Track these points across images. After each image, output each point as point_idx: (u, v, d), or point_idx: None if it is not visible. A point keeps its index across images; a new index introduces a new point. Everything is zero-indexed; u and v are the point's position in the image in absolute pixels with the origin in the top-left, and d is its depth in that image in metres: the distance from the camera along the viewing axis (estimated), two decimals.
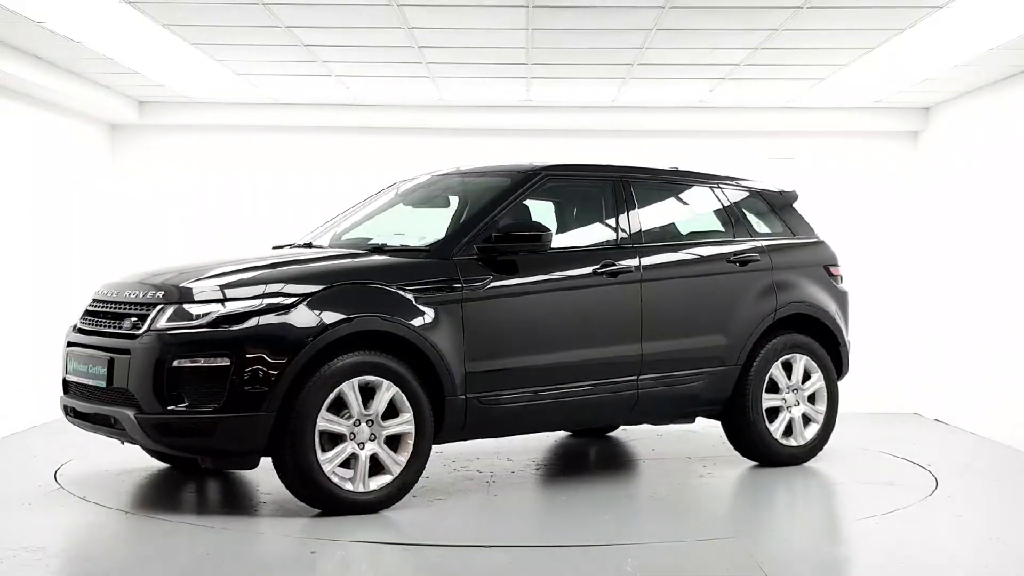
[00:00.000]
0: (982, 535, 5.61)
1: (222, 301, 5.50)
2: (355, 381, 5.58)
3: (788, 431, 7.14)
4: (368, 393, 5.66)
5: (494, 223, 6.21)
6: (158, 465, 6.92)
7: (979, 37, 7.37)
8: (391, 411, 5.72)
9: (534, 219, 6.62)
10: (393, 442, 5.75)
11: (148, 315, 5.57)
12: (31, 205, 9.12)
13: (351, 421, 5.60)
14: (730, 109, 10.42)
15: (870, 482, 6.80)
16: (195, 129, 10.71)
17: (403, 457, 5.75)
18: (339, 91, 9.76)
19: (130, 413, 5.45)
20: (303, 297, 5.53)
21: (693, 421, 7.27)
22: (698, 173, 7.39)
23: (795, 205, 7.73)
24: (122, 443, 5.94)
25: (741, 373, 6.96)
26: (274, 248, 6.91)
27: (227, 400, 5.35)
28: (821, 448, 7.26)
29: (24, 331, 8.88)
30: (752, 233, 7.28)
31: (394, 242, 6.41)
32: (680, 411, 7.00)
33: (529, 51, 8.12)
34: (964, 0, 6.66)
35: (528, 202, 6.66)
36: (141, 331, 5.54)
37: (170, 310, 5.52)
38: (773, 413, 7.10)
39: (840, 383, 7.50)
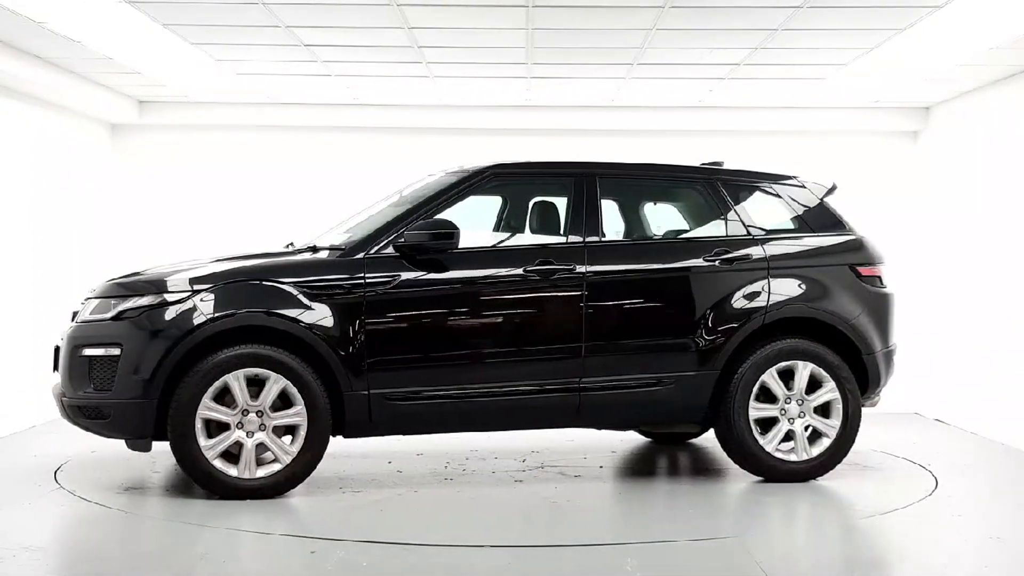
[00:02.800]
0: (982, 535, 5.60)
1: (128, 297, 6.01)
2: (240, 373, 5.89)
3: (792, 445, 6.57)
4: (261, 384, 5.94)
5: (414, 222, 6.26)
6: (158, 465, 6.92)
7: (979, 37, 7.37)
8: (287, 403, 5.97)
9: (559, 217, 6.62)
10: (291, 433, 6.01)
11: (82, 308, 6.22)
12: (32, 205, 9.12)
13: (237, 411, 5.90)
14: (730, 109, 10.42)
15: (870, 482, 6.79)
16: (195, 129, 10.71)
17: (295, 448, 5.97)
18: (339, 91, 9.77)
19: (61, 396, 6.11)
20: (193, 293, 5.94)
21: (698, 430, 6.95)
22: (693, 167, 7.02)
23: (827, 200, 7.14)
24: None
25: (721, 379, 6.50)
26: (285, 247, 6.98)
27: (117, 387, 5.88)
28: (832, 466, 6.63)
29: (24, 330, 8.87)
30: (752, 230, 6.76)
31: (324, 242, 6.56)
32: (646, 418, 6.74)
33: (529, 51, 8.12)
34: (964, 0, 6.67)
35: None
36: (73, 322, 6.21)
37: (94, 304, 6.12)
38: (770, 424, 6.56)
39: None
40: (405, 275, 6.14)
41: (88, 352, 5.96)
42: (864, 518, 5.88)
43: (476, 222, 6.97)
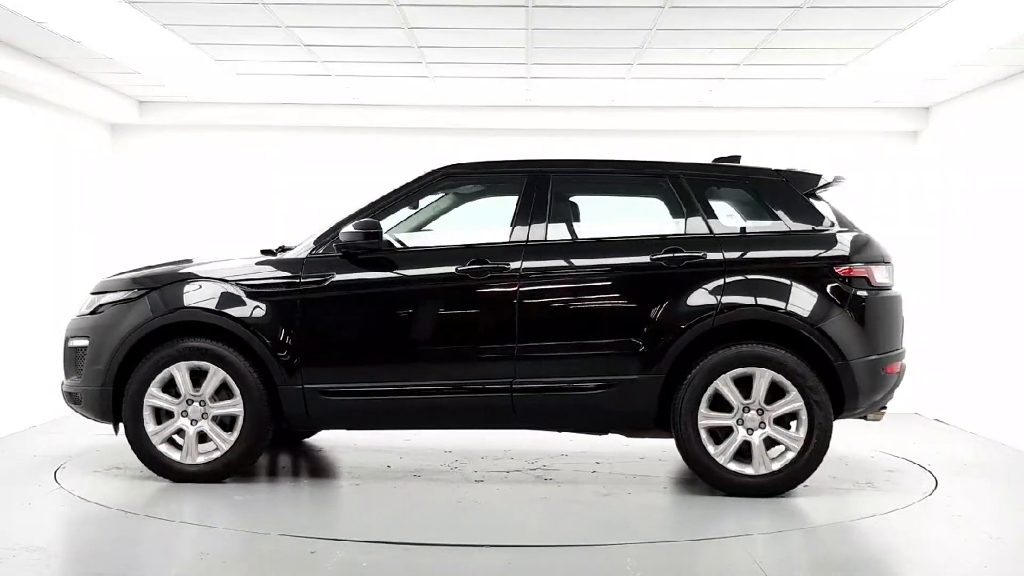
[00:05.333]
0: (982, 535, 5.60)
1: (104, 293, 6.58)
2: (183, 364, 6.34)
3: (753, 457, 6.17)
4: (204, 376, 6.36)
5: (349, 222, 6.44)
6: None
7: (979, 37, 7.37)
8: (229, 394, 6.36)
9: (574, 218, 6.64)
10: (235, 424, 6.36)
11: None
12: (32, 205, 9.12)
13: (181, 400, 6.35)
14: (730, 109, 10.42)
15: (870, 482, 6.80)
16: (195, 129, 10.71)
17: (233, 437, 6.34)
18: (339, 91, 9.77)
19: (61, 383, 6.71)
20: (147, 291, 6.44)
21: (664, 435, 6.56)
22: (656, 163, 6.66)
23: (822, 194, 6.66)
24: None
25: (667, 385, 6.19)
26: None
27: (84, 375, 6.49)
28: (797, 481, 6.20)
29: (24, 330, 8.87)
30: (713, 227, 6.34)
31: (294, 244, 6.73)
32: (589, 421, 6.40)
33: (529, 51, 8.12)
34: (964, 0, 6.67)
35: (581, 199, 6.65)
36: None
37: (89, 299, 6.66)
38: (725, 434, 6.19)
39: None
40: (337, 275, 6.36)
41: (73, 343, 6.59)
42: (864, 518, 5.88)
43: (475, 222, 6.96)
